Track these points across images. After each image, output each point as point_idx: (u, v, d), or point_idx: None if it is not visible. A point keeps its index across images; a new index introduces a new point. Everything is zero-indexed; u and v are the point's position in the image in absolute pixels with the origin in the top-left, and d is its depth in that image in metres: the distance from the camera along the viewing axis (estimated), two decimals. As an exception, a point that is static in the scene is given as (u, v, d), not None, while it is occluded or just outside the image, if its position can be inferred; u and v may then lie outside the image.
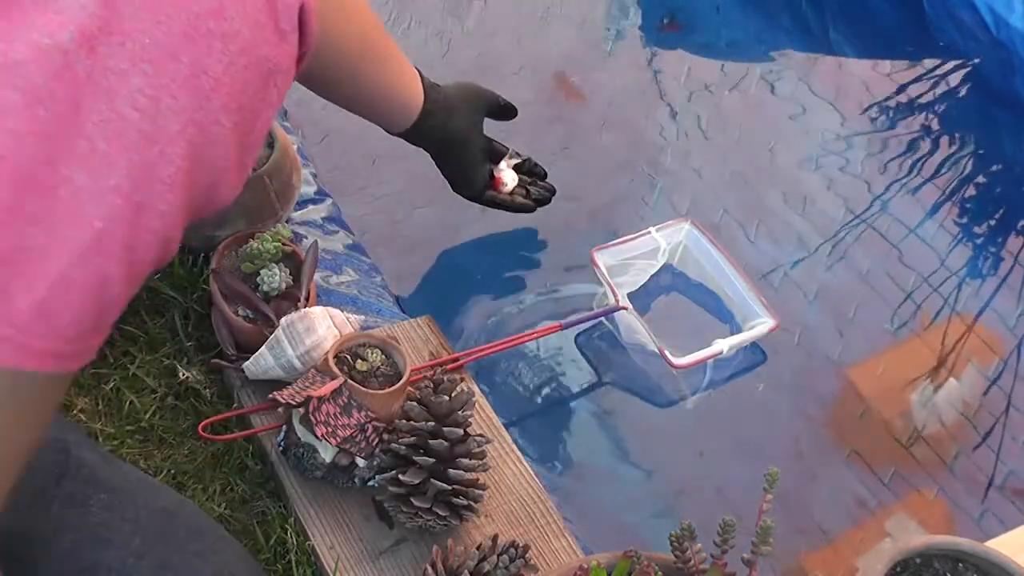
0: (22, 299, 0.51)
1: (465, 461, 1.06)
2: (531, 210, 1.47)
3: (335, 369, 1.08)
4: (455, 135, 1.34)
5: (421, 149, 1.38)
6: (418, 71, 1.30)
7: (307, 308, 1.17)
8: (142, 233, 0.53)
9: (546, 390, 1.37)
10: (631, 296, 1.40)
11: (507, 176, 1.44)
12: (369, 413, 1.08)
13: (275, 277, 1.20)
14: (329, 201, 1.44)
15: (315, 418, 1.06)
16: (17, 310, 0.51)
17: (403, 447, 1.07)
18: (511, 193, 1.45)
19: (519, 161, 1.45)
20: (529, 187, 1.47)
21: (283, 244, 1.23)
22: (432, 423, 1.06)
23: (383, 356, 1.13)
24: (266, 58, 0.54)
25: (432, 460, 1.05)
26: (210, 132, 0.53)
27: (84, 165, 0.50)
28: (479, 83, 1.42)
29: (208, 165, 0.54)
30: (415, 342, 1.28)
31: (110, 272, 0.53)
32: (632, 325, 1.37)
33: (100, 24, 0.49)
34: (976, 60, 1.91)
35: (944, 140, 1.80)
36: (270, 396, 1.09)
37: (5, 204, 0.50)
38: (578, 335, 1.42)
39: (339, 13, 1.13)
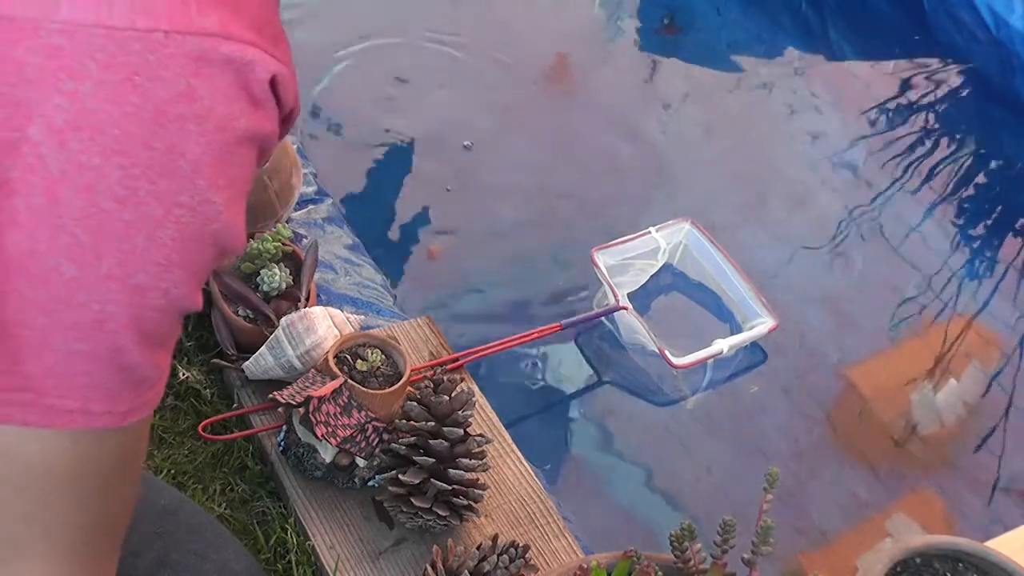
0: (33, 366, 0.52)
1: (465, 461, 1.06)
2: None
3: (335, 369, 1.08)
4: None
5: (421, 151, 1.38)
6: None
7: (307, 308, 1.17)
8: (148, 312, 0.53)
9: (546, 390, 1.37)
10: (631, 296, 1.40)
11: None
12: (369, 413, 1.08)
13: (275, 277, 1.20)
14: (329, 201, 1.44)
15: (315, 418, 1.05)
16: (31, 374, 0.52)
17: (403, 447, 1.07)
18: None
19: None
20: None
21: (283, 244, 1.23)
22: (432, 423, 1.06)
23: (383, 356, 1.12)
24: (245, 129, 0.53)
25: (432, 460, 1.05)
26: (200, 211, 0.52)
27: (70, 257, 0.50)
28: (478, 83, 1.42)
29: (208, 238, 0.54)
30: (415, 342, 1.28)
31: (121, 342, 0.53)
32: (632, 325, 1.37)
33: (67, 118, 0.48)
34: (976, 60, 1.91)
35: (944, 140, 1.80)
36: (270, 396, 1.09)
37: (1, 287, 0.50)
38: (578, 335, 1.42)
39: None
